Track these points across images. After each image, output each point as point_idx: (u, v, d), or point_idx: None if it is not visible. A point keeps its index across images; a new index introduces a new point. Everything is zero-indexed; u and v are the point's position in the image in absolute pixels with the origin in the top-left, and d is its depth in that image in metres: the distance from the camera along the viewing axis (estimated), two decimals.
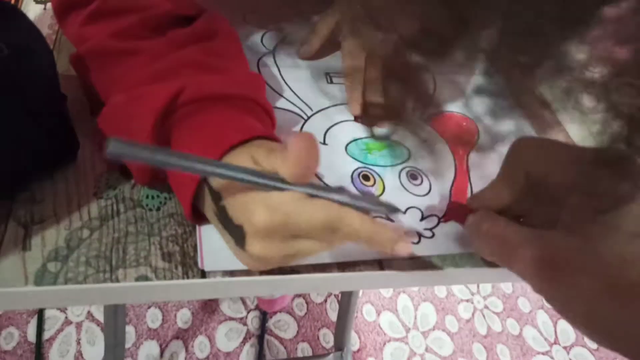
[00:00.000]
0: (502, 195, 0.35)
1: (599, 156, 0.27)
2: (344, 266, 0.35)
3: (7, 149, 0.32)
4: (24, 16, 0.35)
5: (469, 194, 0.43)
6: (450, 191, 0.43)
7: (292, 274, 0.34)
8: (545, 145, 0.33)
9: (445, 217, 0.40)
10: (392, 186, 0.41)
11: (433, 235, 0.39)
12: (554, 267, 0.27)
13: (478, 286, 1.38)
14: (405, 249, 0.29)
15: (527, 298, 1.39)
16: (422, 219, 0.40)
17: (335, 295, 1.26)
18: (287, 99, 0.46)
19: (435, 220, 0.40)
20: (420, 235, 0.38)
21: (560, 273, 0.26)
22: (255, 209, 0.27)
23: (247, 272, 0.34)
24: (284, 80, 0.48)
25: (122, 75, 0.35)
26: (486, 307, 1.34)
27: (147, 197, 0.36)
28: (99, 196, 0.35)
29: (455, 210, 0.39)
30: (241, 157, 0.30)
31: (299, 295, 1.24)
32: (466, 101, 0.52)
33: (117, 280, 0.31)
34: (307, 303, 1.24)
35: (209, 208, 0.32)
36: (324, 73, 0.50)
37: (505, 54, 0.24)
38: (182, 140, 0.32)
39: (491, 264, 0.37)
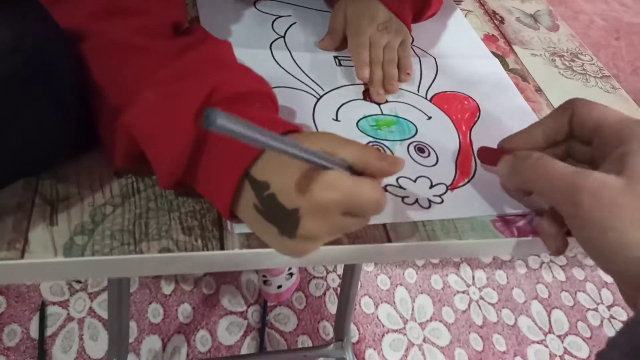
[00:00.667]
0: (536, 137, 0.40)
1: None
2: (354, 238, 0.37)
3: (33, 135, 0.33)
4: (43, 8, 0.36)
5: (473, 165, 0.45)
6: (456, 162, 0.45)
7: None
8: (598, 104, 0.38)
9: (480, 159, 0.45)
10: (400, 164, 0.43)
11: (442, 201, 0.41)
12: (599, 200, 0.31)
13: (473, 277, 1.40)
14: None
15: (522, 289, 1.41)
16: (431, 186, 0.42)
17: (333, 288, 1.28)
18: (299, 80, 0.49)
19: (443, 188, 0.43)
20: (430, 202, 0.41)
21: (601, 204, 0.31)
22: (315, 188, 0.29)
23: (264, 245, 0.35)
24: (295, 62, 0.51)
25: (143, 70, 0.35)
26: (481, 298, 1.37)
27: None
28: (119, 175, 0.37)
29: (486, 154, 0.44)
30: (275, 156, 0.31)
31: (298, 289, 1.26)
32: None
33: (142, 252, 0.33)
34: (306, 296, 1.25)
35: (247, 204, 0.32)
36: (333, 57, 0.53)
37: None
38: (220, 138, 0.32)
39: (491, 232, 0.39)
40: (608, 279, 1.51)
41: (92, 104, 0.37)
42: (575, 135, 0.39)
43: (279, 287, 1.16)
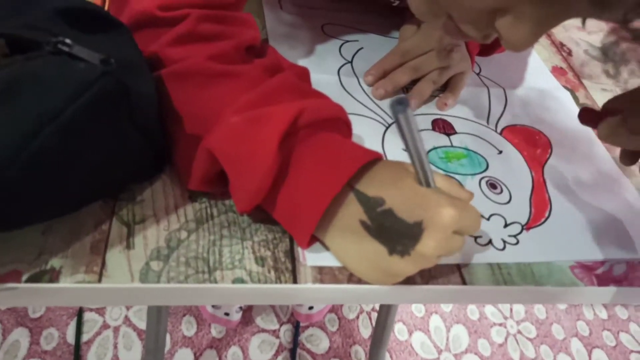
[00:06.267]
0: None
1: None
2: (428, 278, 0.36)
3: (113, 157, 0.33)
4: (128, 31, 0.36)
5: (548, 204, 0.44)
6: (530, 200, 0.43)
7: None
8: None
9: (581, 120, 0.43)
10: (474, 195, 0.42)
11: (517, 242, 0.40)
12: None
13: (511, 310, 1.36)
14: None
15: (562, 325, 1.36)
16: (506, 226, 0.41)
17: (367, 312, 1.26)
18: (367, 107, 0.48)
19: (518, 227, 0.41)
20: (505, 242, 0.39)
21: None
22: (442, 205, 0.30)
23: (335, 279, 0.34)
24: (363, 89, 0.50)
25: (224, 96, 0.35)
26: (519, 332, 1.32)
27: None
28: (193, 199, 0.37)
29: (588, 116, 0.43)
30: (380, 172, 0.33)
31: (331, 311, 1.24)
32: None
33: (216, 282, 0.32)
34: (339, 319, 1.23)
35: (348, 221, 0.32)
36: None
37: None
38: (309, 158, 0.33)
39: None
40: None
41: (168, 129, 0.36)
42: None
43: (311, 308, 1.14)
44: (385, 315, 1.00)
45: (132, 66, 0.33)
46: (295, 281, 0.34)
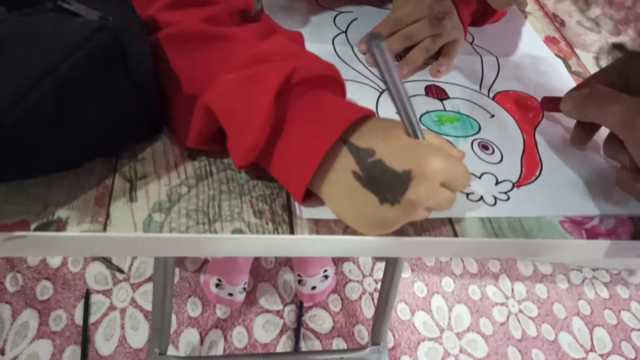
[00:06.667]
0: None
1: None
2: (420, 231, 0.37)
3: (112, 114, 0.34)
4: None
5: (539, 164, 0.45)
6: (522, 161, 0.44)
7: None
8: None
9: (544, 107, 0.50)
10: (465, 154, 0.43)
11: (508, 198, 0.41)
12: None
13: (512, 290, 1.37)
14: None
15: (563, 304, 1.37)
16: (497, 183, 0.42)
17: (369, 292, 1.28)
18: (362, 74, 0.49)
19: (509, 185, 0.42)
20: (496, 199, 0.40)
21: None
22: (430, 155, 0.31)
23: (331, 231, 0.36)
24: (357, 57, 0.51)
25: (219, 57, 0.36)
26: (521, 311, 1.33)
27: None
28: (192, 158, 0.38)
29: (549, 103, 0.49)
30: (371, 127, 0.34)
31: (334, 292, 1.25)
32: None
33: (216, 232, 0.34)
34: (342, 299, 1.25)
35: (341, 173, 0.33)
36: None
37: None
38: (303, 114, 0.34)
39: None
40: None
41: (165, 90, 0.38)
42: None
43: (313, 288, 1.16)
44: (386, 293, 1.01)
45: (129, 27, 0.35)
46: (292, 232, 0.35)
